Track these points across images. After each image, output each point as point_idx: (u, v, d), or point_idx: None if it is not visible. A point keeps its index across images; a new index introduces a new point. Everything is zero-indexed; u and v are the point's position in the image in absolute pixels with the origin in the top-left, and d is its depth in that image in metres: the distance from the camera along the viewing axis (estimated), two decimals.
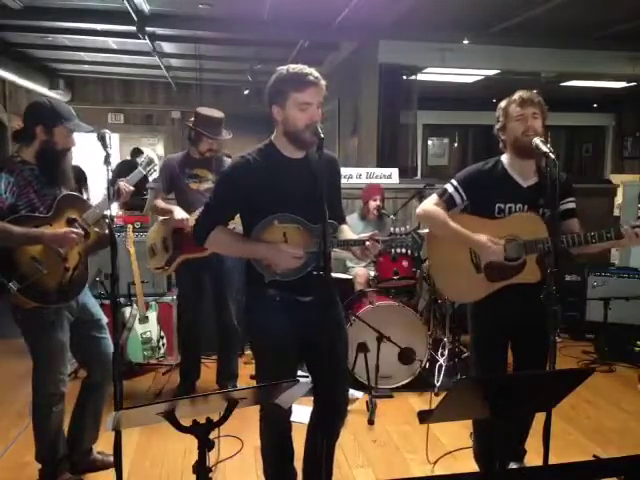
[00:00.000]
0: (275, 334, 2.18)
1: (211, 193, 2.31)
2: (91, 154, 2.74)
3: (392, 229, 2.22)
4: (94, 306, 2.73)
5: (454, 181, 2.55)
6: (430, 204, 2.58)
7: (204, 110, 3.59)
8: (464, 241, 2.48)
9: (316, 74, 2.07)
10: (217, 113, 3.60)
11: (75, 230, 2.45)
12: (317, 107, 2.07)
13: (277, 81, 2.08)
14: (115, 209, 4.37)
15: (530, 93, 2.45)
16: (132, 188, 2.70)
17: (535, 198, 2.43)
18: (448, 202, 2.54)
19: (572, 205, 2.54)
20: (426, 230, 2.68)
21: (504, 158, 2.55)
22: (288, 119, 2.08)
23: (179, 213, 3.51)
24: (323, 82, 2.08)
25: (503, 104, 2.48)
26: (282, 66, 2.11)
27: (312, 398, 2.36)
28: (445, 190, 2.56)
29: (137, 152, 7.79)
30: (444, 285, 2.75)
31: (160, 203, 3.66)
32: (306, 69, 2.07)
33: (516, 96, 2.45)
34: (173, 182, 3.65)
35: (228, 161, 3.51)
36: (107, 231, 2.33)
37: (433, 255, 2.73)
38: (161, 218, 3.74)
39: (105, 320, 2.75)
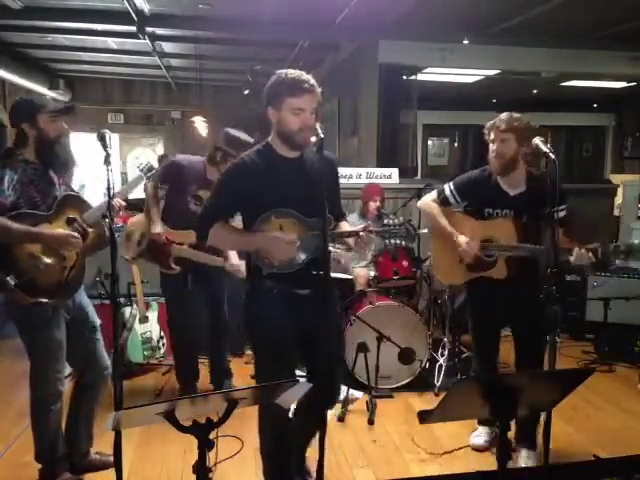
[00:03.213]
0: (272, 325, 2.26)
1: (210, 192, 2.38)
2: (91, 154, 2.75)
3: (385, 220, 2.28)
4: (88, 306, 2.72)
5: (452, 185, 2.91)
6: (429, 199, 3.01)
7: (240, 135, 3.39)
8: (447, 237, 2.89)
9: (312, 81, 2.15)
10: (249, 138, 3.41)
11: (76, 235, 2.46)
12: (310, 113, 2.16)
13: (275, 84, 2.17)
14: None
15: (505, 118, 2.66)
16: (124, 203, 2.73)
17: (520, 205, 2.75)
18: (444, 202, 2.95)
19: (562, 214, 2.69)
20: (425, 231, 2.88)
21: None
22: (282, 121, 2.18)
23: (157, 227, 3.41)
24: (318, 90, 2.17)
25: (489, 124, 2.75)
26: (281, 69, 2.19)
27: None
28: (443, 191, 2.94)
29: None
30: (436, 267, 3.20)
31: (151, 199, 3.47)
32: (303, 76, 2.14)
33: (497, 119, 2.70)
34: (177, 192, 3.45)
35: None
36: (106, 232, 2.35)
37: (434, 242, 3.13)
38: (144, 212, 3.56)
39: (98, 322, 2.74)
